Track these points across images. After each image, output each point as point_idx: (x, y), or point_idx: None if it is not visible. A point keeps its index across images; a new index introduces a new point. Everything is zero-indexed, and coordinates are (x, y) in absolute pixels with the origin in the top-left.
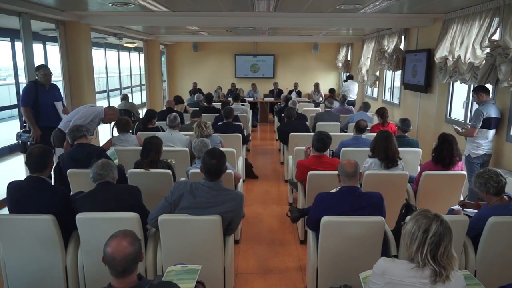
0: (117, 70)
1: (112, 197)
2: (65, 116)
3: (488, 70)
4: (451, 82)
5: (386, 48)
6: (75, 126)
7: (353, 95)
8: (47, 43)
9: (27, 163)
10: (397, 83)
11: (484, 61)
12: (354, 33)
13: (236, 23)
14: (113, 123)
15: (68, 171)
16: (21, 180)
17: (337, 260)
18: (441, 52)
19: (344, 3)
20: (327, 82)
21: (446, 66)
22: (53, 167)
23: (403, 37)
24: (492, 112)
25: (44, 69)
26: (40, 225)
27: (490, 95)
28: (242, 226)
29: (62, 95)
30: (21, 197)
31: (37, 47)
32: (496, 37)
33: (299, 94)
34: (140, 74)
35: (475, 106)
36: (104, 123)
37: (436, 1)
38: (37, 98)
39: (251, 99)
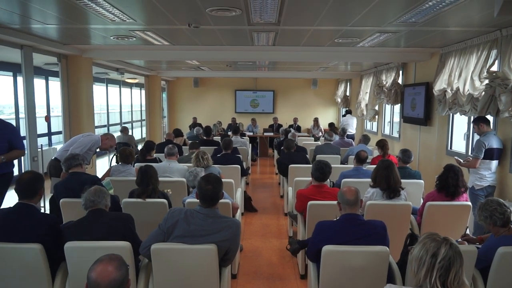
0: (118, 106)
1: (103, 225)
2: (61, 146)
3: (488, 101)
4: (451, 114)
5: (385, 83)
6: (71, 154)
7: (352, 129)
8: (49, 78)
9: (16, 189)
10: (397, 117)
11: (483, 92)
12: (353, 68)
13: (236, 57)
14: (113, 154)
15: (60, 200)
16: (9, 207)
17: None
18: (440, 85)
19: (342, 37)
20: (326, 117)
21: (445, 98)
22: (50, 197)
23: (401, 71)
24: (493, 142)
25: None
26: (26, 254)
27: (491, 126)
28: (240, 260)
29: (61, 128)
30: (8, 224)
31: (40, 82)
32: (494, 68)
33: (298, 129)
34: (141, 110)
35: (476, 137)
36: (101, 150)
37: (432, 35)
38: None
39: (251, 133)
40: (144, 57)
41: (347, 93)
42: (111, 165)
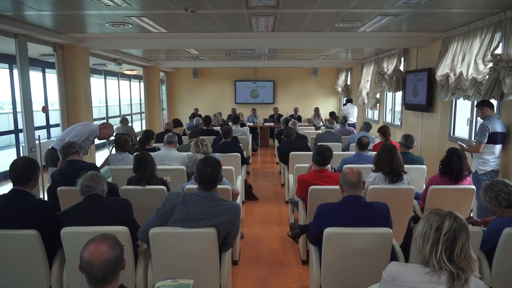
0: (117, 100)
1: (100, 210)
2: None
3: (492, 84)
4: (454, 100)
5: (386, 70)
6: (68, 142)
7: (353, 118)
8: (46, 70)
9: (10, 175)
10: (398, 106)
11: (487, 76)
12: (353, 57)
13: (235, 44)
14: (112, 144)
15: (58, 188)
16: (3, 194)
17: (342, 276)
18: (442, 70)
19: (342, 21)
20: (327, 106)
21: (448, 83)
22: (48, 187)
23: (402, 58)
24: (497, 126)
25: None
26: (22, 241)
27: (495, 110)
28: (241, 247)
29: (59, 121)
30: (2, 211)
31: (37, 75)
32: (498, 51)
33: (299, 119)
34: (140, 104)
35: (480, 123)
36: (99, 139)
37: (435, 18)
38: None
39: (251, 124)
40: (142, 46)
41: (348, 82)
42: (109, 154)
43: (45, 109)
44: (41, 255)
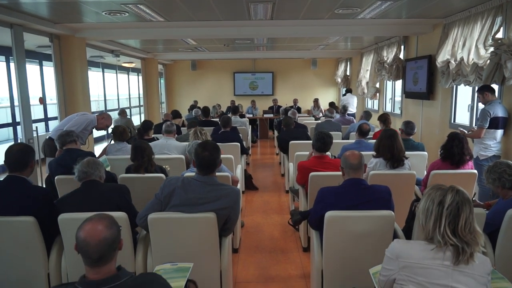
0: (115, 94)
1: (97, 196)
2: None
3: (493, 69)
4: (454, 87)
5: (386, 59)
6: (65, 131)
7: (352, 108)
8: (43, 63)
9: (6, 161)
10: (398, 96)
11: (488, 61)
12: (353, 46)
13: (233, 33)
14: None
15: (55, 177)
16: None
17: (344, 260)
18: (443, 56)
19: (342, 6)
20: (326, 97)
21: (448, 70)
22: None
23: (402, 46)
24: (499, 111)
25: None
26: (19, 228)
27: (496, 95)
28: (241, 235)
29: (56, 113)
30: None
31: (34, 68)
32: (499, 35)
33: (298, 110)
34: (139, 97)
35: (481, 109)
36: (97, 130)
37: (435, 3)
38: None
39: (251, 115)
40: (139, 36)
41: (347, 73)
42: (107, 144)
43: (42, 100)
44: (39, 242)
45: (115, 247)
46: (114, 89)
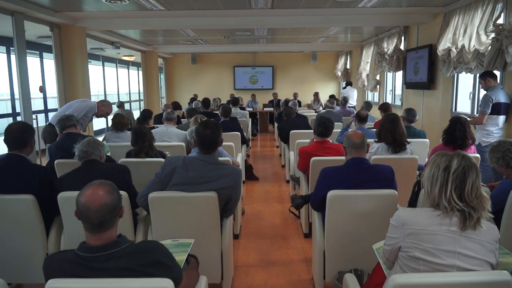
0: (115, 88)
1: (98, 175)
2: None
3: (494, 55)
4: (455, 75)
5: (386, 50)
6: (65, 115)
7: (352, 101)
8: (44, 54)
9: (5, 139)
10: (399, 89)
11: (490, 47)
12: (353, 38)
13: (233, 23)
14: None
15: (55, 161)
16: None
17: (346, 240)
18: (444, 44)
19: None
20: (326, 91)
21: (449, 58)
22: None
23: (403, 37)
24: (501, 97)
25: None
26: (18, 206)
27: (498, 81)
28: (242, 222)
29: (57, 105)
30: None
31: (35, 61)
32: (500, 21)
33: (298, 104)
34: (139, 92)
35: (483, 95)
36: (97, 117)
37: None
38: None
39: (251, 109)
40: (140, 26)
41: (347, 66)
42: (107, 132)
43: (42, 89)
44: (38, 220)
45: (116, 213)
46: (114, 84)
